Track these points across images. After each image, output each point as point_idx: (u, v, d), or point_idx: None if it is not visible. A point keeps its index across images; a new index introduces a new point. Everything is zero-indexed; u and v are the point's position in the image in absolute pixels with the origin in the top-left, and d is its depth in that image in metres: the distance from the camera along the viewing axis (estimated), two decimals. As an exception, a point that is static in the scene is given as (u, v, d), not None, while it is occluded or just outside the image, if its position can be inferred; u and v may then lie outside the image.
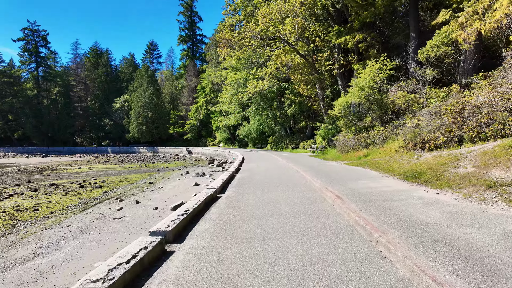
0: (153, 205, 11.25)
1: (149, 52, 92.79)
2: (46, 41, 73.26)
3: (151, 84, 65.27)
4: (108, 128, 70.57)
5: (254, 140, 41.47)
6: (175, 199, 11.66)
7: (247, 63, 33.20)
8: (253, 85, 27.18)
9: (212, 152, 42.64)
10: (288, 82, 31.64)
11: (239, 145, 47.24)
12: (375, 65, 14.96)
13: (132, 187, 17.90)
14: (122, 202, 12.70)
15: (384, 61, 15.13)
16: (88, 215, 10.70)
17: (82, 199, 14.55)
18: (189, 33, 75.62)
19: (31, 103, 69.48)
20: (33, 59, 71.95)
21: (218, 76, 37.92)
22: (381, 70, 14.84)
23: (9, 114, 69.12)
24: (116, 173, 26.38)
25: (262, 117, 35.06)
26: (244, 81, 31.68)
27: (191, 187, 14.51)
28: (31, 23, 70.88)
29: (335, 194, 6.42)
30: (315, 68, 23.66)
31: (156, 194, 13.68)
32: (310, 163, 14.45)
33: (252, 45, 21.65)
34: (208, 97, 51.79)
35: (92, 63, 79.07)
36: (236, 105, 35.19)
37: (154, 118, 62.83)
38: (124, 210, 11.14)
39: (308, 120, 30.32)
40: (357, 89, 14.71)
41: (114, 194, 15.75)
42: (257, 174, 11.64)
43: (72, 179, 22.92)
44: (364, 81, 14.49)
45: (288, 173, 11.57)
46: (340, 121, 17.96)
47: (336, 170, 10.86)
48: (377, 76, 14.76)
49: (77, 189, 16.45)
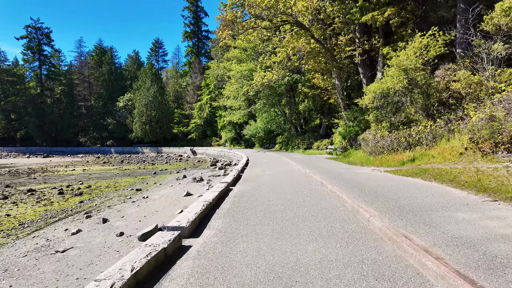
0: (121, 227, 8.26)
1: (155, 50, 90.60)
2: (50, 39, 71.53)
3: (155, 82, 62.91)
4: (111, 128, 68.48)
5: (261, 139, 38.33)
6: (152, 219, 8.68)
7: (253, 54, 30.05)
8: (260, 76, 23.99)
9: (217, 153, 39.86)
10: (300, 74, 28.35)
11: (245, 145, 44.18)
12: (422, 40, 11.39)
13: (115, 195, 15.10)
14: (89, 218, 9.88)
15: (436, 34, 11.57)
16: (31, 242, 7.79)
17: (48, 212, 11.93)
18: (194, 29, 72.89)
19: (34, 102, 67.82)
20: (36, 58, 70.19)
21: (221, 68, 34.63)
22: (430, 46, 11.39)
23: (12, 113, 67.60)
24: (109, 176, 24.07)
25: (270, 115, 31.87)
26: (250, 73, 28.52)
27: (181, 198, 11.54)
28: (34, 21, 69.28)
29: (461, 274, 2.65)
30: (332, 55, 20.36)
31: (134, 208, 10.69)
32: (334, 169, 11.10)
33: (258, 26, 18.50)
34: (213, 94, 48.81)
35: (96, 61, 77.16)
36: (242, 101, 32.07)
37: (157, 117, 60.44)
38: (80, 234, 8.16)
39: (323, 117, 26.97)
40: (397, 72, 11.32)
41: (87, 206, 12.93)
42: (263, 186, 8.37)
43: (57, 183, 20.74)
44: (409, 61, 11.01)
45: (309, 186, 8.14)
46: (369, 114, 14.46)
47: (384, 184, 7.39)
48: (425, 55, 11.31)
49: (52, 197, 14.47)
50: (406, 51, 11.45)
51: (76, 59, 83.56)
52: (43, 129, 67.53)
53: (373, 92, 12.76)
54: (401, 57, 11.34)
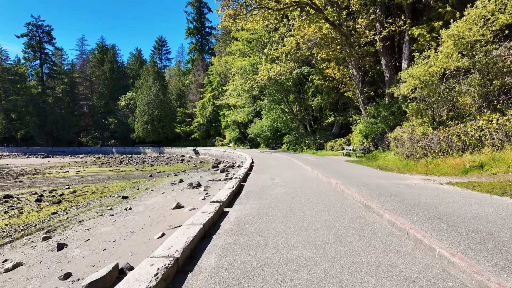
0: (74, 261, 6.04)
1: (158, 48, 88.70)
2: (51, 37, 69.95)
3: (157, 80, 60.93)
4: (113, 127, 66.67)
5: (267, 139, 35.85)
6: (121, 247, 6.35)
7: (258, 46, 27.58)
8: (266, 69, 21.56)
9: (220, 153, 37.60)
10: (310, 66, 25.81)
11: (250, 145, 41.76)
12: (488, 4, 8.61)
13: (96, 204, 12.97)
14: (46, 241, 7.84)
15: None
16: None
17: (8, 227, 10.07)
18: (197, 25, 70.68)
19: (35, 102, 66.30)
20: (37, 56, 68.63)
21: (223, 63, 32.11)
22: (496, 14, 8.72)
23: (12, 112, 66.17)
24: (101, 179, 22.23)
25: (277, 112, 29.36)
26: (255, 67, 26.06)
27: (169, 211, 9.26)
28: (35, 18, 67.73)
29: None
30: (349, 42, 17.84)
31: (108, 226, 8.38)
32: (369, 178, 8.43)
33: (263, 7, 16.05)
34: (216, 91, 46.44)
35: (98, 60, 75.48)
36: (246, 98, 29.61)
37: (160, 117, 58.40)
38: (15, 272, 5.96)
39: (337, 114, 24.36)
40: (451, 48, 8.67)
41: (57, 220, 10.90)
42: (274, 208, 5.68)
43: (42, 187, 18.92)
44: (472, 32, 8.27)
45: (347, 210, 5.42)
46: (408, 106, 11.63)
47: (485, 214, 4.60)
48: (492, 24, 8.57)
49: (26, 206, 12.84)
50: (461, 22, 8.79)
51: (78, 58, 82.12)
52: (44, 128, 65.99)
53: (414, 78, 10.13)
54: (459, 27, 8.65)
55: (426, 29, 12.92)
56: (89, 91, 75.11)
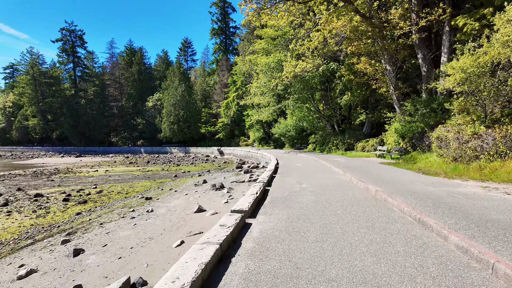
0: (88, 271, 5.87)
1: (183, 49, 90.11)
2: (83, 41, 73.21)
3: (183, 81, 61.82)
4: (141, 128, 68.53)
5: (292, 139, 34.85)
6: (138, 256, 5.92)
7: (282, 43, 26.70)
8: (291, 66, 20.68)
9: (244, 153, 37.20)
10: (339, 62, 24.59)
11: (275, 145, 40.95)
12: None
13: (119, 205, 12.88)
14: (64, 245, 7.61)
15: None
16: None
17: (32, 228, 9.98)
18: (221, 25, 70.86)
19: (69, 103, 69.70)
20: (70, 60, 72.08)
21: (246, 62, 31.48)
22: None
23: (49, 114, 69.98)
24: (128, 179, 22.61)
25: (302, 111, 28.32)
26: (279, 64, 25.23)
27: (191, 215, 8.84)
28: (68, 24, 71.19)
29: None
30: (382, 34, 16.60)
31: (128, 230, 8.04)
32: (413, 184, 7.61)
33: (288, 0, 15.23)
34: (240, 91, 46.06)
35: (127, 62, 77.90)
36: (270, 97, 28.83)
37: (185, 117, 59.17)
38: (28, 280, 5.59)
39: (368, 112, 22.92)
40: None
41: (80, 221, 10.73)
42: (305, 221, 4.87)
43: (71, 186, 19.41)
44: None
45: (396, 227, 4.62)
46: (452, 102, 10.33)
47: None
48: None
49: (54, 205, 13.04)
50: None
51: (108, 60, 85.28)
52: (77, 129, 69.13)
53: (460, 71, 8.90)
54: None
55: (473, 17, 11.50)
56: (118, 92, 77.76)
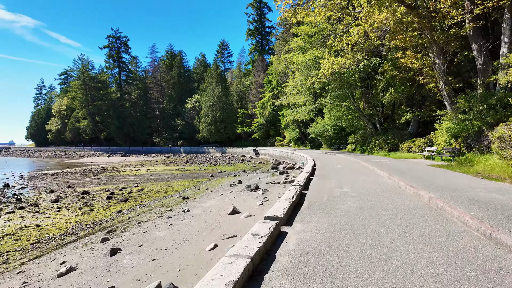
0: (123, 271, 5.81)
1: (220, 52, 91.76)
2: (127, 47, 77.75)
3: (219, 82, 63.06)
4: (180, 128, 71.09)
5: (330, 139, 33.61)
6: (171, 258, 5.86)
7: (320, 39, 25.75)
8: (329, 62, 19.79)
9: (280, 154, 36.75)
10: (381, 57, 23.15)
11: (311, 145, 39.88)
12: None
13: (158, 204, 13.21)
14: (103, 243, 7.88)
15: None
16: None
17: (77, 224, 10.38)
18: (257, 25, 70.92)
19: (115, 106, 74.45)
20: (116, 65, 76.98)
21: (282, 61, 30.84)
22: None
23: (97, 116, 75.39)
24: (167, 178, 23.42)
25: (341, 110, 27.12)
26: (316, 61, 24.35)
27: (225, 217, 8.70)
28: (114, 31, 76.05)
29: None
30: (430, 25, 15.19)
31: (163, 230, 8.08)
32: (477, 191, 6.71)
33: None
34: (275, 91, 45.60)
35: (167, 65, 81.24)
36: (307, 95, 28.01)
37: (222, 118, 60.28)
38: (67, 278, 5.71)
39: (415, 110, 21.19)
40: None
41: (120, 219, 11.10)
42: (349, 233, 4.42)
43: (115, 185, 20.35)
44: None
45: (472, 254, 3.61)
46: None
47: None
48: None
49: (98, 202, 13.93)
50: None
51: (150, 64, 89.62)
52: (123, 130, 73.54)
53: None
54: None
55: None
56: (160, 95, 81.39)
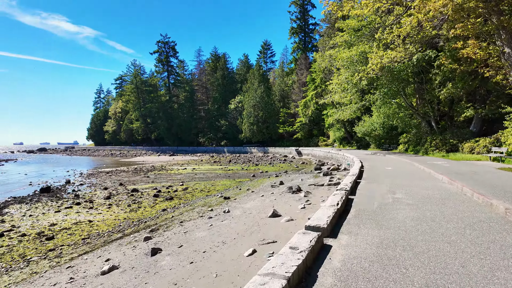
0: (160, 273, 5.73)
1: (263, 52, 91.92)
2: (175, 51, 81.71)
3: (262, 82, 63.26)
4: (224, 129, 72.77)
5: (378, 138, 31.54)
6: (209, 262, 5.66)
7: (367, 33, 24.16)
8: (378, 57, 18.44)
9: (323, 154, 35.52)
10: (438, 48, 21.03)
11: (358, 145, 37.90)
12: None
13: (200, 203, 13.44)
14: (146, 242, 8.06)
15: None
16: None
17: (125, 221, 10.91)
18: (301, 23, 69.60)
19: (164, 108, 78.69)
20: (165, 69, 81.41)
21: (326, 57, 29.53)
22: None
23: (148, 118, 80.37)
24: (211, 177, 24.01)
25: (391, 107, 25.22)
26: (363, 56, 22.88)
27: (265, 220, 8.46)
28: (163, 36, 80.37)
29: None
30: (498, 9, 13.29)
31: (203, 231, 8.03)
32: None
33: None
34: (319, 89, 44.17)
35: (212, 68, 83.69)
36: (353, 93, 26.54)
37: (264, 117, 60.38)
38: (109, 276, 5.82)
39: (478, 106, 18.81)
40: None
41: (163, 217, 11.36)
42: (407, 251, 3.75)
43: (162, 183, 21.27)
44: None
45: None
46: None
47: None
48: None
49: (146, 200, 14.49)
50: None
51: (196, 67, 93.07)
52: (171, 131, 77.47)
53: None
54: None
55: None
56: (205, 97, 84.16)
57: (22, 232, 8.74)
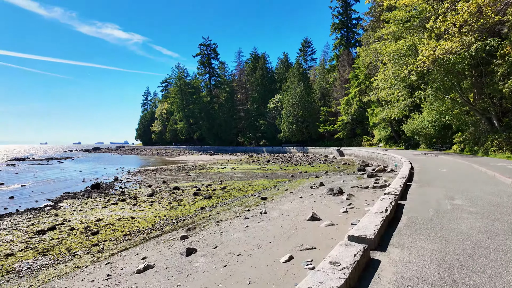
0: (194, 274, 5.55)
1: (303, 50, 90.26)
2: (216, 53, 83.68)
3: (301, 81, 62.14)
4: (263, 128, 72.85)
5: (429, 137, 29.02)
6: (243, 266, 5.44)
7: (417, 23, 22.16)
8: (430, 49, 16.80)
9: (367, 154, 33.70)
10: (501, 37, 18.67)
11: (406, 145, 35.32)
12: None
13: (237, 203, 13.39)
14: (183, 240, 7.98)
15: None
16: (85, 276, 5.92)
17: (165, 219, 11.09)
18: (343, 18, 66.97)
19: (206, 109, 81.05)
20: (206, 70, 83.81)
21: (371, 52, 27.70)
22: None
23: (191, 118, 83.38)
24: (249, 177, 24.08)
25: (445, 103, 22.94)
26: (413, 49, 21.04)
27: (303, 223, 8.09)
28: (204, 39, 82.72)
29: None
30: None
31: (239, 233, 7.88)
32: None
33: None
34: (363, 85, 41.98)
35: (251, 68, 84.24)
36: (401, 89, 24.63)
37: (304, 117, 59.22)
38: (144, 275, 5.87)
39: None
40: None
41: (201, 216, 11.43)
42: (475, 270, 3.08)
43: (202, 182, 21.72)
44: None
45: None
46: None
47: None
48: None
49: (186, 198, 14.87)
50: None
51: (236, 68, 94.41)
52: (212, 131, 79.59)
53: None
54: None
55: None
56: (244, 97, 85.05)
57: (71, 226, 9.30)
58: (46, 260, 6.66)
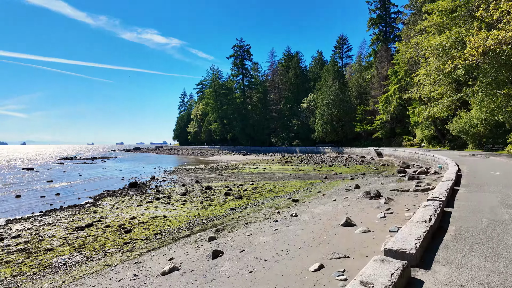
0: (218, 279, 5.36)
1: (338, 47, 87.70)
2: (249, 54, 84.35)
3: (337, 79, 60.35)
4: (296, 128, 71.98)
5: (478, 137, 26.58)
6: (269, 273, 5.16)
7: (464, 13, 20.22)
8: (480, 39, 15.22)
9: (408, 155, 31.74)
10: None
11: (451, 145, 32.68)
12: None
13: (267, 205, 13.18)
14: (210, 242, 7.91)
15: None
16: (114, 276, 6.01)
17: (195, 219, 11.23)
18: (381, 13, 63.94)
19: (239, 109, 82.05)
20: (240, 72, 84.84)
21: (411, 46, 25.71)
22: None
23: (225, 119, 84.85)
24: (281, 177, 23.84)
25: (497, 100, 20.75)
26: (457, 43, 19.24)
27: (336, 228, 7.67)
28: (238, 40, 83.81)
29: None
30: None
31: (267, 236, 7.60)
32: None
33: None
34: (403, 82, 39.59)
35: (284, 67, 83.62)
36: (446, 85, 22.70)
37: (339, 116, 57.47)
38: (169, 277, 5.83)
39: None
40: None
41: (230, 217, 11.34)
42: None
43: (234, 181, 21.84)
44: None
45: None
46: None
47: None
48: None
49: (217, 198, 14.92)
50: None
51: (269, 68, 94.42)
52: (245, 131, 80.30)
53: None
54: None
55: None
56: (277, 97, 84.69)
57: (107, 224, 9.67)
58: (80, 257, 6.92)
